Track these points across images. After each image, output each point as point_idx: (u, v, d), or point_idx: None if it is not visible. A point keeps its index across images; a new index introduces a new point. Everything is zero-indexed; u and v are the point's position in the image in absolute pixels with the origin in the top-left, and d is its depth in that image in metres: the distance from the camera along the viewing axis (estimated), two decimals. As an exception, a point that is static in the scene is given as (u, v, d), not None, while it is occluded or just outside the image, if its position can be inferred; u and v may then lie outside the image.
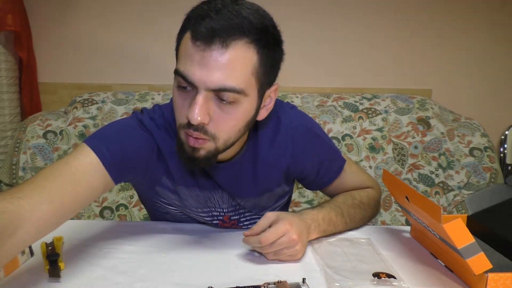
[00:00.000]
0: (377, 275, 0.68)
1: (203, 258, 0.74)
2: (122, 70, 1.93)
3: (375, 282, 0.66)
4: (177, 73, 0.67)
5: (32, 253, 0.73)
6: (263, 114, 0.76)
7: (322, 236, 0.81)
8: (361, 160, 1.65)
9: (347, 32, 1.92)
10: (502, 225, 0.77)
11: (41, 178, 0.65)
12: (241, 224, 0.91)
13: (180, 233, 0.85)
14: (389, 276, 0.67)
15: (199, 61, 0.64)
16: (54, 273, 0.66)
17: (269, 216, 0.74)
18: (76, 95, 1.75)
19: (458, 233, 0.62)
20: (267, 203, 0.90)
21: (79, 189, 0.68)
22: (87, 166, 0.70)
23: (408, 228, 0.89)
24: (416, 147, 1.66)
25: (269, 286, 0.64)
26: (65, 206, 0.65)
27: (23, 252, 0.71)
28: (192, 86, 0.66)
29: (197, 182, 0.83)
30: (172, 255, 0.75)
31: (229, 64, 0.64)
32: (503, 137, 1.98)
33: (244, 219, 0.91)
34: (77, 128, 1.64)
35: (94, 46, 1.91)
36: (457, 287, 0.67)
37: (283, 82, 2.10)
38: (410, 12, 1.91)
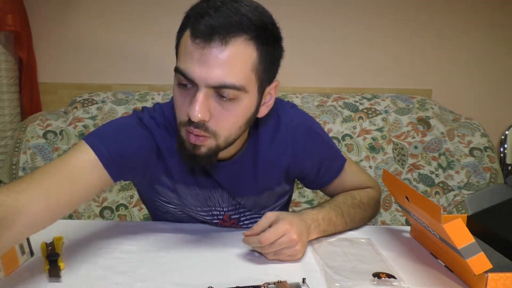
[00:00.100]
0: (377, 275, 0.68)
1: (203, 258, 0.74)
2: (122, 70, 1.93)
3: (375, 282, 0.66)
4: (177, 70, 0.68)
5: (32, 253, 0.73)
6: (263, 111, 0.77)
7: (322, 236, 0.82)
8: (361, 160, 1.65)
9: (347, 32, 1.92)
10: (502, 225, 0.77)
11: (39, 174, 0.67)
12: (241, 223, 0.91)
13: (180, 233, 0.85)
14: (389, 276, 0.68)
15: (199, 58, 0.65)
16: (54, 273, 0.66)
17: (269, 216, 0.74)
18: (76, 95, 1.75)
19: (458, 233, 0.62)
20: (267, 202, 0.90)
21: (76, 187, 0.69)
22: (85, 164, 0.71)
23: (408, 228, 0.89)
24: (416, 147, 1.66)
25: (269, 286, 0.64)
26: (62, 203, 0.66)
27: (23, 252, 0.71)
28: (192, 83, 0.66)
29: (197, 181, 0.83)
30: (172, 255, 0.75)
31: (229, 61, 0.65)
32: (503, 137, 1.98)
33: (244, 218, 0.91)
34: (77, 128, 1.64)
35: (94, 46, 1.91)
36: (457, 287, 0.67)
37: (283, 82, 2.10)
38: (410, 12, 1.91)
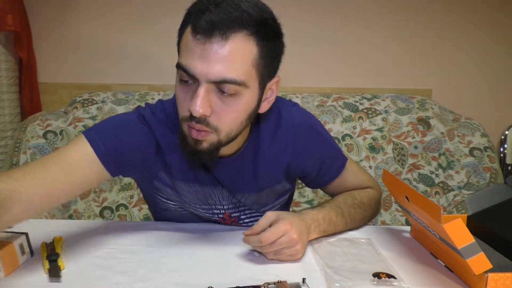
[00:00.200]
0: (377, 275, 0.68)
1: (203, 258, 0.74)
2: (122, 70, 1.93)
3: (375, 282, 0.66)
4: (179, 66, 0.68)
5: (32, 253, 0.73)
6: (264, 107, 0.77)
7: (322, 236, 0.82)
8: (361, 160, 1.65)
9: (347, 32, 1.92)
10: (502, 225, 0.77)
11: (36, 164, 0.70)
12: (241, 222, 0.92)
13: (180, 233, 0.85)
14: (389, 276, 0.68)
15: (199, 54, 0.65)
16: (54, 273, 0.66)
17: (269, 215, 0.74)
18: (76, 95, 1.75)
19: (458, 233, 0.62)
20: (267, 200, 0.90)
21: (72, 178, 0.72)
22: (81, 157, 0.73)
23: (408, 228, 0.89)
24: (416, 147, 1.66)
25: (269, 286, 0.64)
26: (57, 192, 0.70)
27: (23, 252, 0.71)
28: (193, 79, 0.67)
29: (197, 178, 0.83)
30: (172, 255, 0.75)
31: (229, 56, 0.65)
32: (503, 137, 1.98)
33: (245, 216, 0.91)
34: (77, 128, 1.64)
35: (94, 46, 1.91)
36: (457, 287, 0.67)
37: (283, 82, 2.09)
38: (410, 12, 1.91)
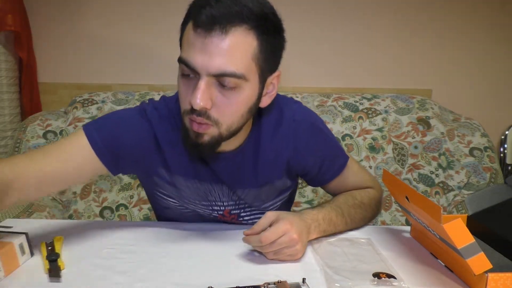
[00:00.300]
0: (377, 275, 0.68)
1: (203, 258, 0.74)
2: (122, 70, 1.93)
3: (375, 283, 0.66)
4: (180, 60, 0.70)
5: (32, 253, 0.73)
6: (266, 101, 0.78)
7: (322, 236, 0.82)
8: (361, 160, 1.65)
9: (347, 32, 1.92)
10: (502, 225, 0.77)
11: (34, 152, 0.76)
12: (241, 219, 0.92)
13: (180, 232, 0.85)
14: (389, 276, 0.68)
15: (200, 47, 0.67)
16: (54, 273, 0.66)
17: (270, 215, 0.74)
18: (76, 95, 1.75)
19: (458, 233, 0.62)
20: (267, 197, 0.90)
21: (69, 168, 0.75)
22: (77, 148, 0.77)
23: (408, 228, 0.89)
24: (416, 147, 1.66)
25: (269, 286, 0.64)
26: (53, 179, 0.74)
27: (23, 252, 0.71)
28: (194, 72, 0.68)
29: (197, 174, 0.84)
30: (172, 255, 0.75)
31: (229, 49, 0.66)
32: (503, 137, 1.98)
33: (245, 214, 0.91)
34: (77, 128, 1.64)
35: (94, 46, 1.91)
36: (457, 287, 0.67)
37: (283, 82, 2.08)
38: (410, 12, 1.91)
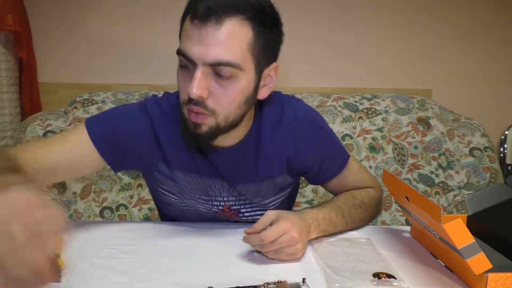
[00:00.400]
0: (377, 275, 0.68)
1: (203, 258, 0.74)
2: (122, 70, 1.93)
3: (375, 283, 0.66)
4: (178, 52, 0.72)
5: (32, 253, 0.73)
6: (264, 93, 0.79)
7: (322, 236, 0.82)
8: (361, 160, 1.65)
9: (347, 32, 1.92)
10: (502, 225, 0.77)
11: (39, 142, 0.81)
12: (240, 215, 0.92)
13: (180, 233, 0.85)
14: (389, 276, 0.68)
15: (196, 38, 0.69)
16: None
17: (270, 214, 0.74)
18: (76, 95, 1.75)
19: (458, 233, 0.62)
20: (268, 193, 0.90)
21: (70, 160, 0.78)
22: (79, 142, 0.80)
23: (408, 228, 0.89)
24: (416, 147, 1.66)
25: (269, 286, 0.64)
26: (55, 169, 0.77)
27: (23, 252, 0.71)
28: (191, 62, 0.70)
29: (198, 169, 0.84)
30: (172, 255, 0.75)
31: (224, 39, 0.68)
32: (503, 137, 1.98)
33: (245, 210, 0.91)
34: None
35: (94, 46, 1.91)
36: (457, 287, 0.67)
37: (283, 82, 2.08)
38: (410, 12, 1.91)
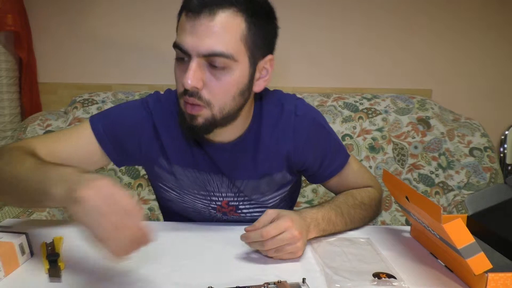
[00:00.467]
0: (377, 275, 0.68)
1: (203, 258, 0.74)
2: (122, 70, 1.93)
3: (375, 283, 0.66)
4: (174, 45, 0.73)
5: (32, 253, 0.73)
6: (260, 86, 0.80)
7: (322, 236, 0.82)
8: (361, 160, 1.65)
9: (347, 32, 1.92)
10: (502, 225, 0.77)
11: (44, 136, 0.85)
12: (239, 211, 0.92)
13: (180, 233, 0.85)
14: (389, 276, 0.68)
15: (190, 30, 0.71)
16: (54, 273, 0.66)
17: (270, 212, 0.75)
18: (76, 95, 1.75)
19: (458, 233, 0.62)
20: (266, 190, 0.90)
21: (77, 155, 0.81)
22: (81, 135, 0.83)
23: (408, 228, 0.89)
24: (416, 147, 1.66)
25: (269, 286, 0.64)
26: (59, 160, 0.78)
27: (23, 252, 0.71)
28: (186, 54, 0.72)
29: (197, 164, 0.85)
30: (172, 255, 0.75)
31: (217, 30, 0.70)
32: (503, 137, 1.98)
33: (243, 206, 0.91)
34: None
35: (94, 46, 1.91)
36: (457, 287, 0.67)
37: (283, 82, 2.08)
38: (410, 12, 1.91)
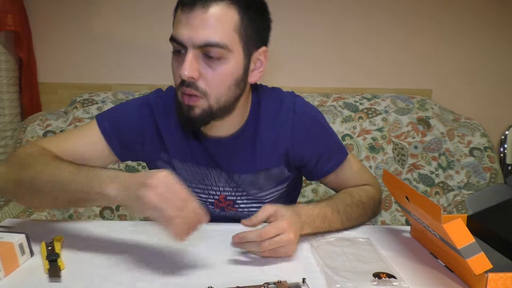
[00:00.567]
0: (377, 275, 0.68)
1: (203, 258, 0.74)
2: (122, 70, 1.93)
3: (375, 283, 0.66)
4: (171, 38, 0.76)
5: (32, 253, 0.73)
6: (254, 77, 0.82)
7: (318, 233, 0.81)
8: (361, 160, 1.65)
9: (347, 32, 1.92)
10: (502, 225, 0.77)
11: (58, 136, 0.89)
12: (236, 206, 0.92)
13: (180, 233, 0.85)
14: (390, 276, 0.68)
15: (185, 22, 0.74)
16: (54, 273, 0.66)
17: (267, 208, 0.75)
18: (76, 95, 1.75)
19: (458, 233, 0.62)
20: (264, 185, 0.91)
21: (86, 153, 0.85)
22: (92, 136, 0.87)
23: (408, 228, 0.89)
24: (416, 147, 1.66)
25: (269, 286, 0.64)
26: (68, 159, 0.80)
27: (23, 252, 0.71)
28: (182, 46, 0.75)
29: (195, 157, 0.87)
30: (172, 255, 0.75)
31: (212, 22, 0.73)
32: (503, 137, 1.98)
33: (241, 201, 0.92)
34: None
35: (94, 46, 1.91)
36: (457, 287, 0.67)
37: (283, 82, 2.07)
38: (410, 12, 1.91)
